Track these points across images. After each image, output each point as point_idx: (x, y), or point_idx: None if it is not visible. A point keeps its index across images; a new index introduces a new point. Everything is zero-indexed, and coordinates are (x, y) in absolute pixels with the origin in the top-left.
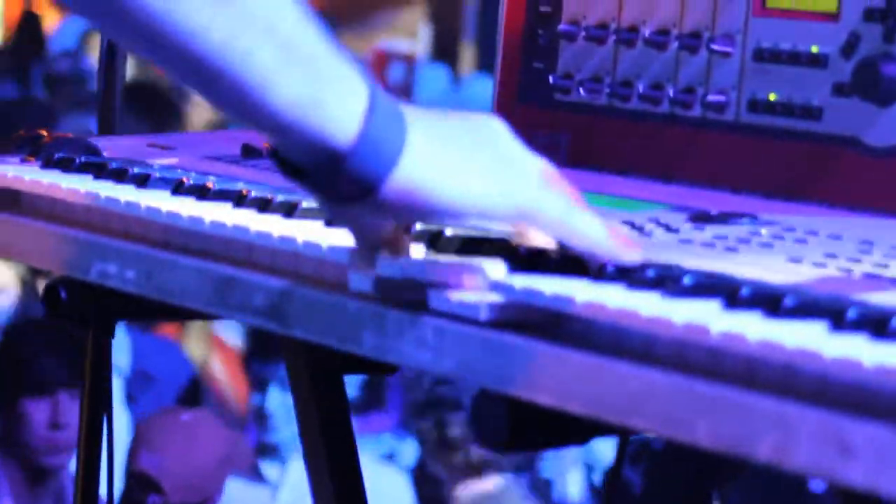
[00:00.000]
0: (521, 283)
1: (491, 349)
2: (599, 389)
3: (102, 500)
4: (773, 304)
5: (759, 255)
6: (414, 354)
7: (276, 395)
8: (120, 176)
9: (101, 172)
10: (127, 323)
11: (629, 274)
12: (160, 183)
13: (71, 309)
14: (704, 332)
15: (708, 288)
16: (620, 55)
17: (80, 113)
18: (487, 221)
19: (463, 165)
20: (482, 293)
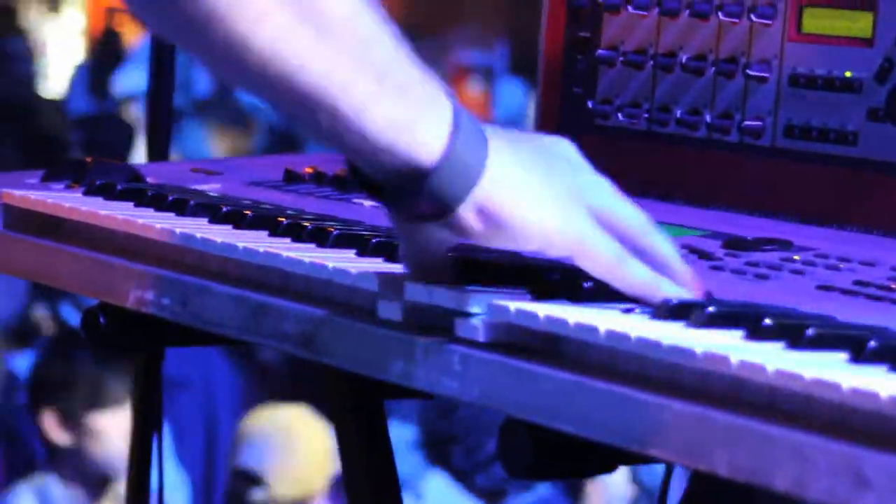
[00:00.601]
0: (544, 310)
1: (517, 377)
2: (621, 418)
3: None
4: (795, 334)
5: (788, 282)
6: (441, 382)
7: None
8: (159, 203)
9: (142, 199)
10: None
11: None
12: (199, 210)
13: (108, 336)
14: (725, 361)
15: (731, 318)
16: (658, 80)
17: None
18: (544, 251)
19: (537, 191)
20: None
